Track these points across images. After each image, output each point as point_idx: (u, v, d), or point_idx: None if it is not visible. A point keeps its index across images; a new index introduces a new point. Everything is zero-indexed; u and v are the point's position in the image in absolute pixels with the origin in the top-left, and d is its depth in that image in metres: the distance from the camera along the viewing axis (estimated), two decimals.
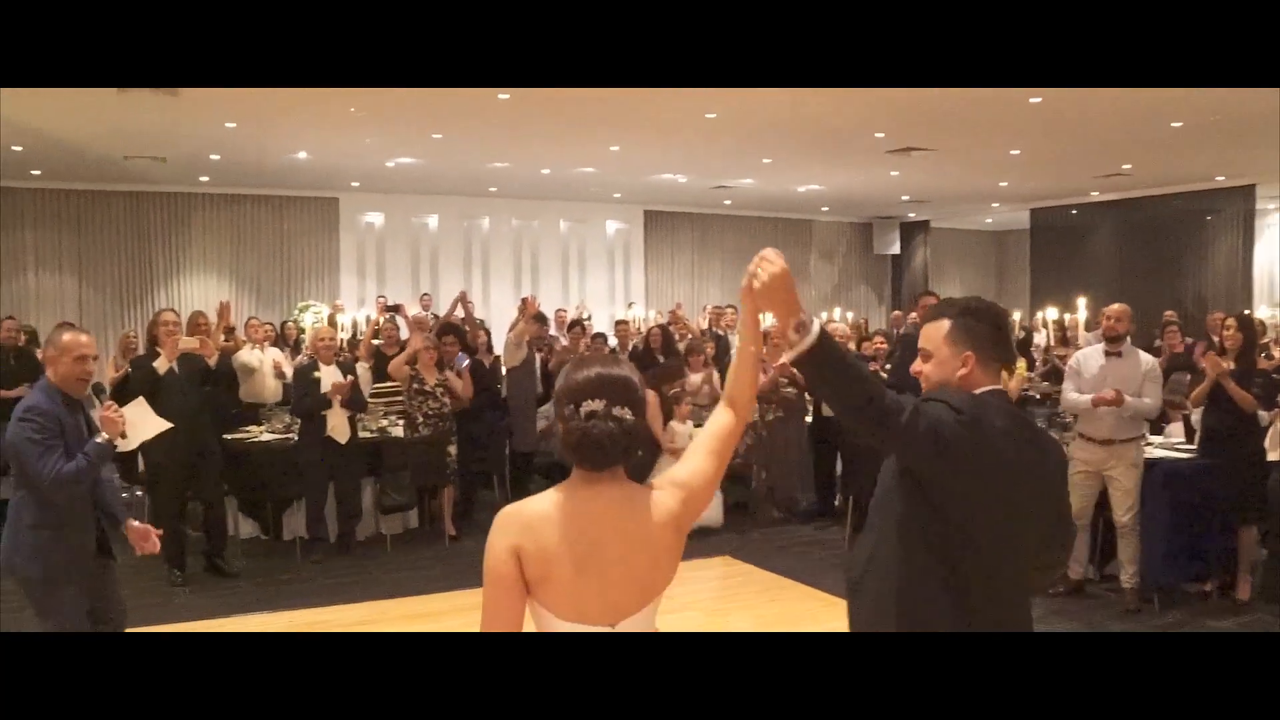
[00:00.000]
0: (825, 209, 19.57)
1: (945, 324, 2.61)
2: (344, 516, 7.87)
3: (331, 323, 11.29)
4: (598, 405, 2.17)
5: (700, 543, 8.19)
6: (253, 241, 16.14)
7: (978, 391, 2.55)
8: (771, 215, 19.85)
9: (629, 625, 2.20)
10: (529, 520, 2.18)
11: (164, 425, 4.62)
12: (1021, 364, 6.66)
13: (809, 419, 9.21)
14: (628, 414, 2.19)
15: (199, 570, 7.29)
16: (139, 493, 8.29)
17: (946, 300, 2.77)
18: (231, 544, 7.72)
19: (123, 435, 4.22)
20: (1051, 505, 2.61)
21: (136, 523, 4.33)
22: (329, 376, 7.61)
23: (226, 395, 8.87)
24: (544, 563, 2.14)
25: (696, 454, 2.36)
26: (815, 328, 2.31)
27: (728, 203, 18.38)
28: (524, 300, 10.55)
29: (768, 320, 2.60)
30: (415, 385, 8.07)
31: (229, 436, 8.01)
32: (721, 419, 2.40)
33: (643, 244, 18.91)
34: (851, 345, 9.68)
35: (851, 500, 8.21)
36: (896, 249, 20.88)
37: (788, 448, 8.74)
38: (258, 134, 11.38)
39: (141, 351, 8.12)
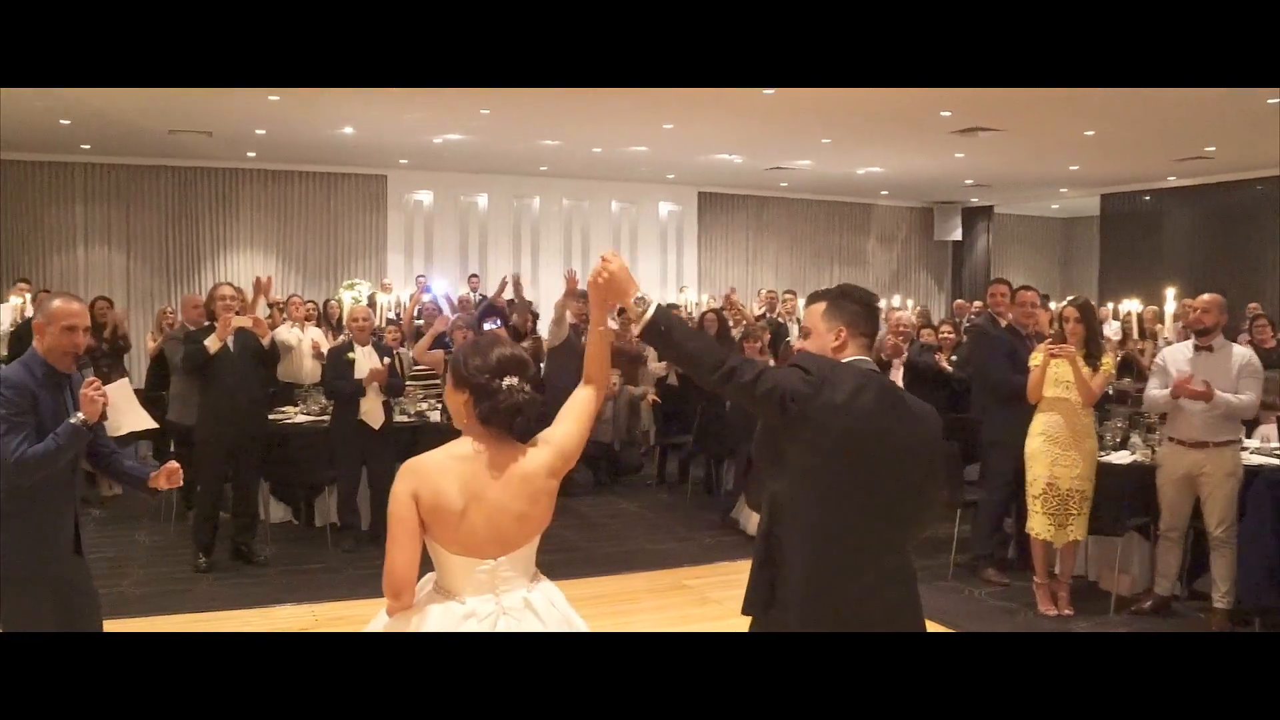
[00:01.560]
0: (885, 193, 19.00)
1: (822, 305, 2.99)
2: (377, 504, 7.51)
3: (372, 303, 10.97)
4: (514, 380, 2.63)
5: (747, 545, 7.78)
6: (300, 218, 15.95)
7: (844, 359, 2.88)
8: (829, 199, 19.32)
9: (511, 560, 2.64)
10: (426, 471, 2.62)
11: (149, 422, 4.13)
12: (1107, 359, 6.11)
13: None
14: (528, 388, 2.66)
15: (225, 556, 6.97)
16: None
17: (824, 289, 3.11)
18: (261, 529, 7.41)
19: (103, 417, 3.69)
20: (910, 467, 2.85)
21: (158, 470, 3.82)
22: (364, 358, 7.28)
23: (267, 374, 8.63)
24: (436, 506, 2.57)
25: (565, 420, 2.80)
26: (654, 304, 2.74)
27: (784, 185, 17.87)
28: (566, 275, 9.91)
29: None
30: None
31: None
32: (582, 393, 2.83)
33: (696, 226, 18.46)
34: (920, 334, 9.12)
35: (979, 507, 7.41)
36: (958, 235, 20.23)
37: None
38: (301, 108, 11.11)
39: (190, 327, 7.80)
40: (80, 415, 3.57)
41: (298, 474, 7.76)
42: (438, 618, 2.61)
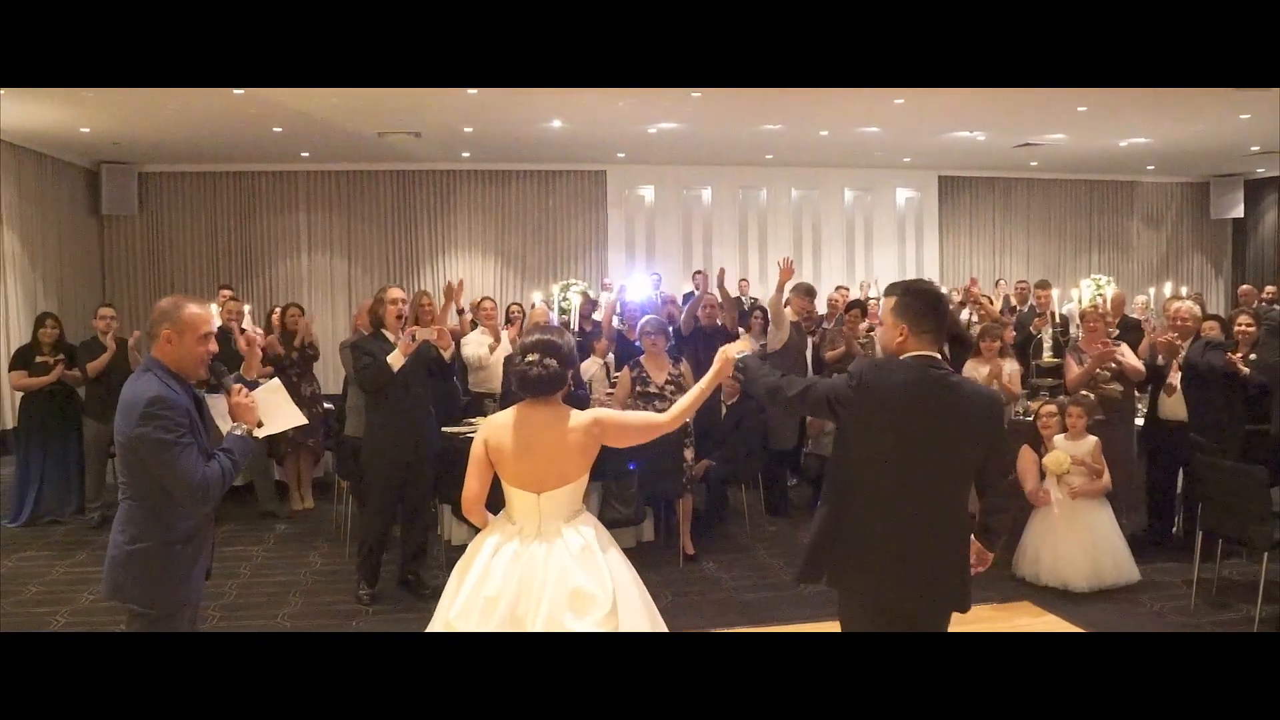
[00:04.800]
0: (1151, 167, 16.96)
1: (892, 300, 3.31)
2: None
3: (577, 307, 10.26)
4: (534, 357, 3.51)
5: (1002, 586, 6.47)
6: (518, 218, 15.66)
7: (905, 356, 3.24)
8: (1086, 177, 17.47)
9: (550, 496, 3.50)
10: (494, 425, 3.61)
11: (300, 419, 3.89)
12: None
13: (1139, 421, 7.34)
14: (554, 364, 3.52)
15: (391, 584, 6.38)
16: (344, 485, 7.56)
17: (896, 282, 3.40)
18: (437, 553, 6.83)
19: (259, 424, 3.60)
20: (952, 451, 3.19)
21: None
22: None
23: (458, 383, 8.06)
24: (499, 450, 3.56)
25: (630, 414, 3.85)
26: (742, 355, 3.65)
27: (1034, 164, 16.20)
28: (780, 263, 8.42)
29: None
30: (639, 386, 6.85)
31: (448, 430, 7.06)
32: (657, 416, 3.72)
33: (936, 214, 17.01)
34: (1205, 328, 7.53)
35: (1202, 535, 6.11)
36: (1239, 212, 17.83)
37: (1112, 458, 6.81)
38: (504, 102, 10.61)
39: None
40: (243, 425, 3.51)
41: None
42: (498, 528, 3.54)
